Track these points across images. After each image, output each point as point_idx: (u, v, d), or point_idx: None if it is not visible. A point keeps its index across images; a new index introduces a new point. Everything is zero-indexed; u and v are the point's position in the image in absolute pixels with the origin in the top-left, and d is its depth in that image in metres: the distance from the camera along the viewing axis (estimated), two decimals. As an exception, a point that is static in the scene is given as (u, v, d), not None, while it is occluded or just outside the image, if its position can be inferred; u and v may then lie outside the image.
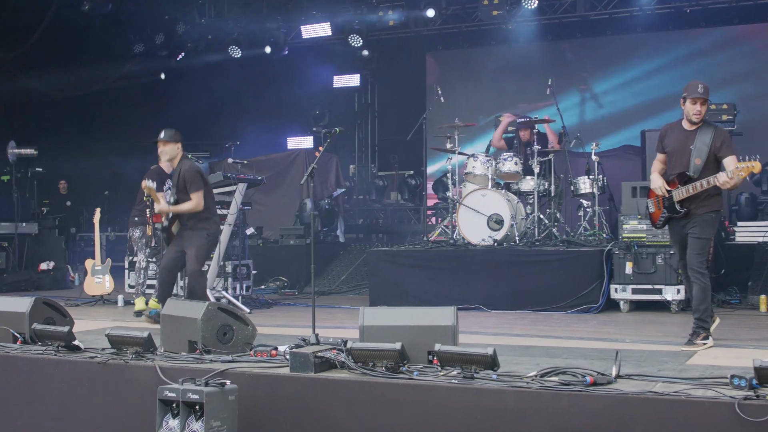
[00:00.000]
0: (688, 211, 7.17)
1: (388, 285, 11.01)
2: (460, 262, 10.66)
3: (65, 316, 7.98)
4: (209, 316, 6.90)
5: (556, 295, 10.10)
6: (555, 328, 8.72)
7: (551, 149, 11.12)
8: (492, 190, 10.85)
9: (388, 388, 5.71)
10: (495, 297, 10.36)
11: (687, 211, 7.16)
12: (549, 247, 10.51)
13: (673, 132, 7.39)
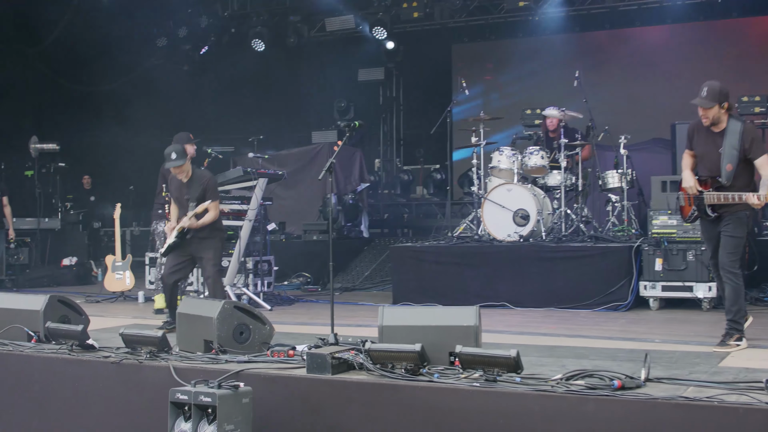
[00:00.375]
0: (719, 215, 6.92)
1: (411, 282, 10.81)
2: (485, 259, 10.44)
3: (80, 314, 7.85)
4: (225, 315, 6.74)
5: (584, 292, 9.85)
6: (582, 327, 8.48)
7: (579, 143, 10.83)
8: (517, 185, 10.61)
9: (407, 391, 5.52)
10: (521, 294, 10.13)
11: (718, 215, 6.92)
12: (576, 242, 10.25)
13: (700, 134, 7.06)
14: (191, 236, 8.55)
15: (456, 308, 6.15)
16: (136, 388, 6.51)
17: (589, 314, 9.50)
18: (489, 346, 6.75)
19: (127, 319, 9.73)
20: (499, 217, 10.60)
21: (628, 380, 5.12)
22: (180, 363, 6.42)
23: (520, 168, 10.89)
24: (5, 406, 7.07)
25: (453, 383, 5.40)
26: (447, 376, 5.55)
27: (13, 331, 7.43)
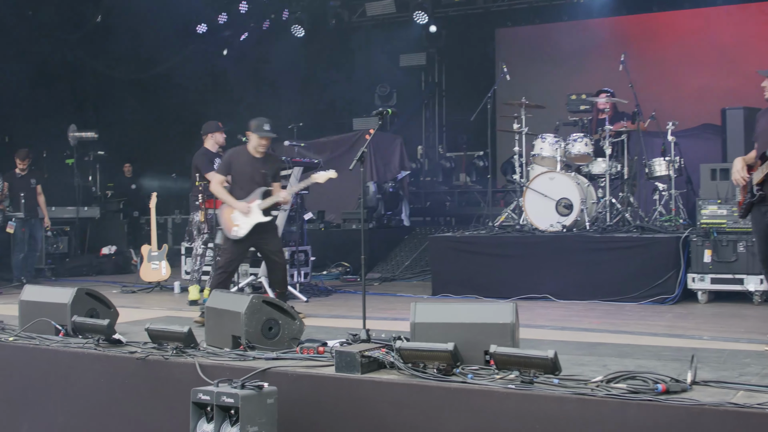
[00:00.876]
0: (764, 195, 6.51)
1: (451, 273, 10.54)
2: (527, 249, 10.12)
3: (109, 307, 7.70)
4: (253, 310, 6.53)
5: (629, 284, 9.50)
6: (627, 322, 8.14)
7: (625, 128, 10.44)
8: (560, 173, 10.27)
9: (438, 392, 5.26)
10: (563, 286, 9.81)
11: (763, 195, 6.51)
12: (621, 233, 9.89)
13: (764, 115, 6.78)
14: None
15: (492, 304, 5.88)
16: (162, 385, 6.33)
17: (634, 308, 9.16)
18: (527, 344, 6.49)
19: (161, 310, 9.58)
20: (542, 207, 10.28)
21: (672, 383, 4.81)
22: (206, 360, 6.23)
23: (564, 156, 10.55)
24: (31, 400, 6.96)
25: (487, 385, 5.13)
26: (481, 377, 5.27)
27: (40, 325, 7.32)
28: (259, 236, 8.52)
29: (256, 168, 8.49)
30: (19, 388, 7.08)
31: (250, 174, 8.50)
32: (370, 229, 13.45)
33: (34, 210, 12.39)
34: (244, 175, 8.53)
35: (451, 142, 18.46)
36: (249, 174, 8.50)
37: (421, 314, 5.90)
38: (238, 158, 8.56)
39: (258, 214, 8.46)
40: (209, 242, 10.13)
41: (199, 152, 10.33)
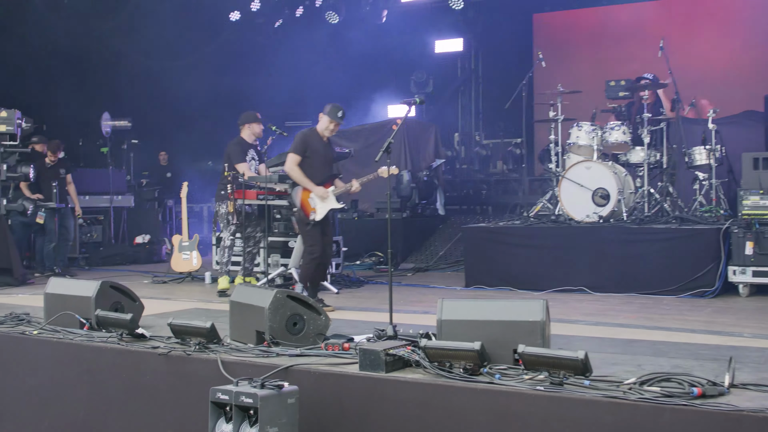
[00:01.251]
0: None
1: (485, 264, 10.34)
2: (563, 240, 9.89)
3: (134, 300, 7.62)
4: (277, 305, 6.39)
5: (668, 277, 9.23)
6: (664, 317, 7.89)
7: (664, 116, 10.14)
8: (597, 162, 10.00)
9: (464, 393, 5.07)
10: (600, 279, 9.57)
11: None
12: (660, 224, 9.62)
13: None
14: None
15: (521, 301, 5.66)
16: (184, 381, 6.22)
17: (672, 301, 8.89)
18: (559, 341, 6.30)
19: (189, 302, 9.48)
20: (578, 197, 10.04)
21: (709, 387, 4.58)
22: (229, 356, 6.10)
23: (600, 144, 10.28)
24: (54, 394, 6.89)
25: (515, 386, 4.93)
26: (509, 377, 5.08)
27: (65, 318, 7.25)
28: (325, 223, 8.67)
29: (328, 151, 8.73)
30: (42, 382, 7.02)
31: (323, 156, 8.68)
32: (404, 218, 13.27)
33: (65, 199, 12.35)
34: (318, 157, 8.64)
35: (488, 129, 18.21)
36: (322, 156, 8.68)
37: (448, 311, 5.72)
38: (313, 139, 8.65)
39: (333, 201, 8.67)
40: (237, 233, 10.01)
41: (234, 141, 10.21)
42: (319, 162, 8.62)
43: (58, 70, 15.94)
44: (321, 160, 8.65)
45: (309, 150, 8.59)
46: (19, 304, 8.90)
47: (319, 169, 8.63)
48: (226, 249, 10.06)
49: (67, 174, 12.50)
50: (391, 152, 6.81)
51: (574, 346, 6.14)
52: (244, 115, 10.30)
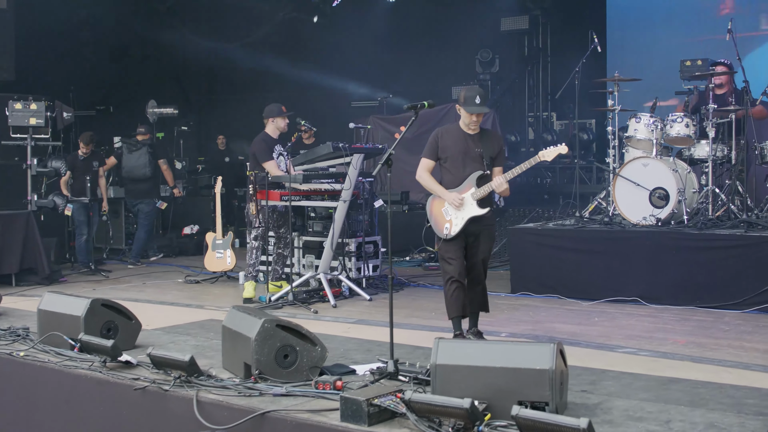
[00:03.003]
0: None
1: (531, 269, 9.50)
2: (616, 245, 8.96)
3: (130, 318, 7.07)
4: (265, 335, 5.74)
5: (732, 289, 8.25)
6: (719, 342, 6.94)
7: (733, 107, 9.06)
8: (655, 159, 9.03)
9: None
10: (656, 289, 8.64)
11: None
12: (724, 229, 8.60)
13: None
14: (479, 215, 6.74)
15: (529, 346, 4.88)
16: (161, 420, 5.65)
17: (735, 318, 7.91)
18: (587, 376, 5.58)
19: (209, 311, 8.90)
20: (634, 197, 9.10)
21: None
22: (207, 394, 5.49)
23: (661, 138, 9.30)
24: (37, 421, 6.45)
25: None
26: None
27: (57, 337, 6.74)
28: (473, 236, 6.82)
29: (469, 146, 6.80)
30: (26, 406, 6.56)
31: (462, 154, 6.82)
32: (456, 211, 12.42)
33: (95, 193, 11.91)
34: (454, 156, 6.85)
35: (558, 110, 17.15)
36: (461, 155, 6.82)
37: (445, 354, 4.96)
38: (448, 136, 6.94)
39: (472, 206, 6.74)
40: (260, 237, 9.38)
41: (258, 138, 9.58)
42: (456, 163, 6.81)
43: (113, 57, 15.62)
44: (458, 160, 6.81)
45: (441, 150, 6.93)
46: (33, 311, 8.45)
47: (454, 173, 6.83)
48: (254, 251, 9.45)
49: (100, 167, 12.04)
50: (392, 164, 6.01)
51: (600, 388, 5.42)
52: (268, 108, 9.62)
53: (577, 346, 6.88)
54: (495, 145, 6.86)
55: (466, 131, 6.84)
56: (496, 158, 6.82)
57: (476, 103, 6.69)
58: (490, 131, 7.06)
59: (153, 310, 8.99)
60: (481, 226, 6.79)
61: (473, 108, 6.70)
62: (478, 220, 6.73)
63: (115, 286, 10.80)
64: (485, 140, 6.84)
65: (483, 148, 6.78)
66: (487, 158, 6.75)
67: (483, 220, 6.76)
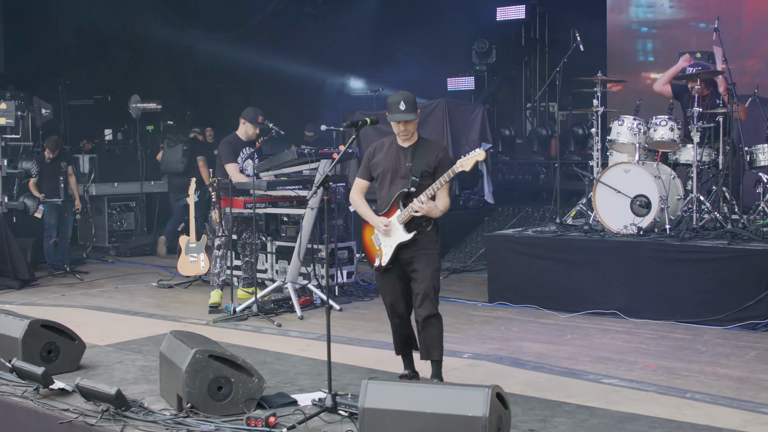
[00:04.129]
0: None
1: (509, 278, 9.12)
2: (595, 256, 8.58)
3: (73, 339, 6.75)
4: (197, 366, 5.41)
5: (713, 304, 7.85)
6: (691, 366, 6.54)
7: (720, 110, 8.60)
8: (637, 165, 8.60)
9: None
10: (635, 302, 8.25)
11: None
12: (707, 240, 8.17)
13: None
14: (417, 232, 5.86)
15: (463, 390, 4.50)
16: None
17: (715, 335, 7.51)
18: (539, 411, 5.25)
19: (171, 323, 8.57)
20: (615, 204, 8.70)
21: None
22: (134, 430, 5.18)
23: (645, 142, 8.87)
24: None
25: None
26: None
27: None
28: (408, 264, 5.91)
29: (400, 161, 5.91)
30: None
31: (391, 171, 5.95)
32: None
33: (68, 193, 11.59)
34: (384, 174, 5.99)
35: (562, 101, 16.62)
36: (390, 171, 5.95)
37: (374, 397, 4.62)
38: (380, 151, 6.06)
39: (399, 231, 5.85)
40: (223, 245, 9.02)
41: (226, 138, 9.25)
42: (386, 180, 5.97)
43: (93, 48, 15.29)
44: (387, 177, 5.95)
45: (373, 166, 6.06)
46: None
47: (387, 190, 5.97)
48: (217, 260, 9.10)
49: (68, 166, 11.70)
50: (329, 187, 5.62)
51: (550, 426, 5.21)
52: (246, 110, 9.22)
53: (540, 370, 6.53)
54: (430, 157, 5.84)
55: (400, 144, 5.96)
56: (434, 172, 5.81)
57: (401, 109, 5.81)
58: (431, 142, 6.03)
59: (114, 322, 8.72)
60: (416, 252, 5.85)
61: (396, 115, 5.84)
62: (410, 246, 5.83)
63: (85, 291, 10.50)
64: (419, 153, 5.87)
65: (414, 162, 5.85)
66: (415, 174, 5.80)
67: (417, 246, 5.84)
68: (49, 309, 9.38)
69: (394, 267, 5.94)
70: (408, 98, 5.88)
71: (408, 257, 5.88)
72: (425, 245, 5.89)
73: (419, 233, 5.83)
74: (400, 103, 5.86)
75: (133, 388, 6.17)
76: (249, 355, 7.09)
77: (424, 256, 5.86)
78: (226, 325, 8.43)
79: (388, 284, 6.01)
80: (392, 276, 5.98)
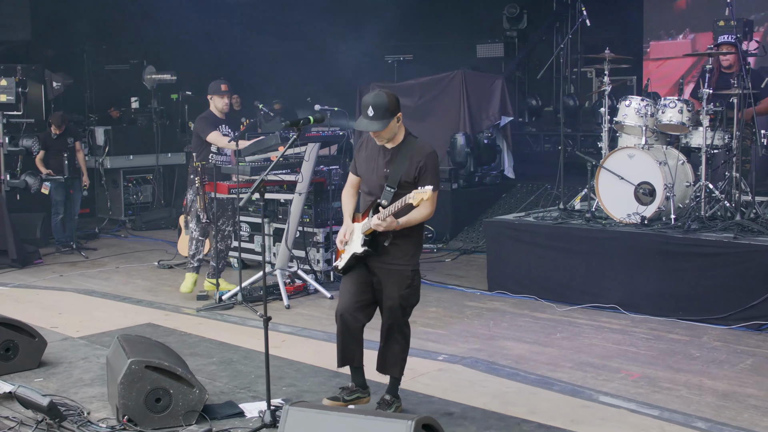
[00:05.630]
0: None
1: (509, 266, 8.72)
2: (595, 246, 8.11)
3: (33, 336, 6.55)
4: (133, 377, 5.17)
5: (716, 301, 7.36)
6: (678, 376, 6.10)
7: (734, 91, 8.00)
8: (642, 150, 8.08)
9: None
10: (635, 296, 7.78)
11: None
12: (714, 232, 7.63)
13: None
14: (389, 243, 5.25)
15: (385, 422, 4.16)
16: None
17: (716, 336, 7.03)
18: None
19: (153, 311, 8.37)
20: (618, 191, 8.22)
21: None
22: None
23: (654, 125, 8.34)
24: None
25: None
26: None
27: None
28: (376, 276, 5.34)
29: (379, 164, 5.28)
30: None
31: (370, 173, 5.36)
32: (454, 190, 11.63)
33: (75, 169, 11.41)
34: (363, 176, 5.43)
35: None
36: (368, 174, 5.38)
37: (292, 425, 4.31)
38: (365, 148, 5.45)
39: (357, 242, 5.31)
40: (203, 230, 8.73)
41: (201, 115, 8.86)
42: (367, 181, 5.40)
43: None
44: (369, 178, 5.36)
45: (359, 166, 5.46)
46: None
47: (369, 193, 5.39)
48: (194, 241, 8.80)
49: (75, 141, 11.51)
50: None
51: None
52: (210, 85, 8.84)
53: (514, 378, 6.15)
54: (411, 165, 5.12)
55: (377, 141, 5.26)
56: (416, 182, 5.08)
57: (368, 115, 5.07)
58: (417, 144, 5.20)
59: (99, 308, 8.54)
60: (384, 264, 5.25)
61: (361, 122, 5.15)
62: (378, 257, 5.24)
63: (84, 271, 10.35)
64: (401, 158, 5.15)
65: (392, 168, 5.17)
66: (391, 183, 5.13)
67: (387, 257, 5.23)
68: (40, 292, 9.27)
69: (356, 272, 5.35)
70: (378, 103, 5.06)
71: (376, 268, 5.29)
72: (395, 258, 5.24)
73: (380, 245, 5.22)
74: (368, 108, 5.09)
75: (86, 390, 5.98)
76: (218, 352, 6.91)
77: (395, 272, 5.24)
78: (210, 314, 8.19)
79: (348, 284, 5.36)
80: (352, 278, 5.36)
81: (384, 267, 5.27)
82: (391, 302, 5.25)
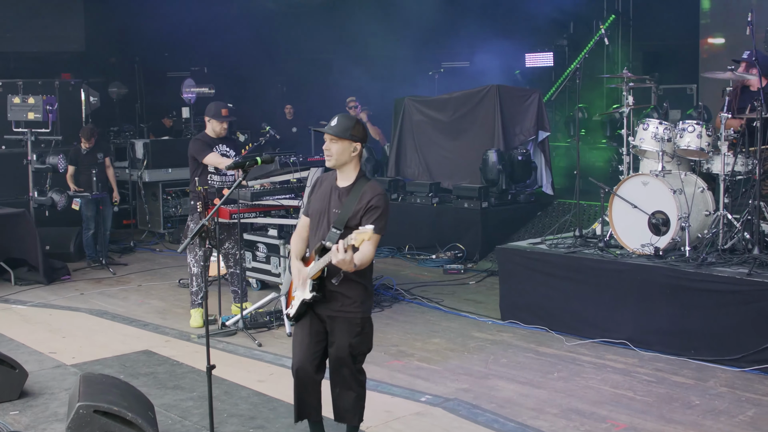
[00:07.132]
0: None
1: (521, 295, 8.40)
2: (606, 278, 7.72)
3: (13, 368, 6.56)
4: (80, 422, 5.11)
5: (730, 342, 6.92)
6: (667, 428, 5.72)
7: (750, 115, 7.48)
8: (656, 177, 7.66)
9: None
10: (646, 332, 7.39)
11: None
12: (730, 266, 7.17)
13: None
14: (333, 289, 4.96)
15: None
16: None
17: (723, 381, 6.60)
18: None
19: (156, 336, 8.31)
20: (632, 220, 7.82)
21: None
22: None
23: (672, 150, 7.91)
24: None
25: None
26: None
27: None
28: (325, 323, 5.06)
29: (330, 205, 5.03)
30: None
31: (320, 215, 5.07)
32: (484, 208, 11.31)
33: (106, 185, 11.46)
34: (313, 217, 5.14)
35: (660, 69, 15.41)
36: (318, 215, 5.09)
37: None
38: (320, 186, 5.20)
39: (307, 286, 4.98)
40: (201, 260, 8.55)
41: (195, 137, 8.78)
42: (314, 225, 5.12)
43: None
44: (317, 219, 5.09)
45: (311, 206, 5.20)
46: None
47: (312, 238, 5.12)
48: (193, 278, 8.64)
49: (105, 157, 11.57)
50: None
51: None
52: (207, 107, 8.68)
53: (491, 426, 5.84)
54: (360, 205, 4.88)
55: (337, 182, 5.05)
56: (362, 223, 4.78)
57: (330, 124, 4.99)
58: (369, 185, 4.97)
59: (103, 333, 8.50)
60: (333, 311, 4.97)
61: (320, 126, 5.24)
62: (326, 303, 4.96)
63: (105, 289, 10.37)
64: (351, 198, 4.92)
65: (342, 209, 4.91)
66: (338, 225, 4.86)
67: (335, 304, 4.95)
68: (53, 312, 9.32)
69: (307, 321, 5.06)
70: (344, 121, 4.96)
71: (325, 315, 5.01)
72: (344, 306, 4.95)
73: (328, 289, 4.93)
74: (333, 120, 5.02)
75: (55, 427, 5.93)
76: (201, 386, 6.75)
77: (344, 320, 4.96)
78: (212, 341, 8.04)
79: (300, 336, 5.12)
80: (304, 328, 5.07)
81: (332, 314, 5.00)
82: (340, 352, 4.98)
